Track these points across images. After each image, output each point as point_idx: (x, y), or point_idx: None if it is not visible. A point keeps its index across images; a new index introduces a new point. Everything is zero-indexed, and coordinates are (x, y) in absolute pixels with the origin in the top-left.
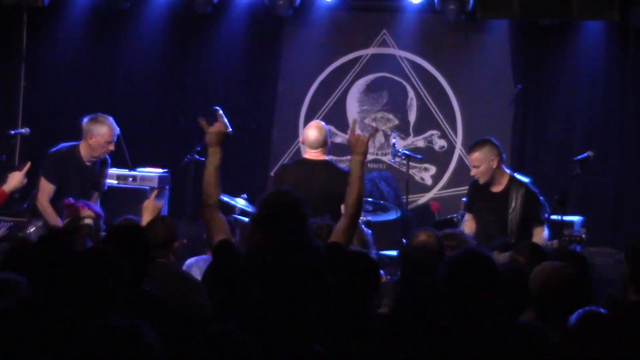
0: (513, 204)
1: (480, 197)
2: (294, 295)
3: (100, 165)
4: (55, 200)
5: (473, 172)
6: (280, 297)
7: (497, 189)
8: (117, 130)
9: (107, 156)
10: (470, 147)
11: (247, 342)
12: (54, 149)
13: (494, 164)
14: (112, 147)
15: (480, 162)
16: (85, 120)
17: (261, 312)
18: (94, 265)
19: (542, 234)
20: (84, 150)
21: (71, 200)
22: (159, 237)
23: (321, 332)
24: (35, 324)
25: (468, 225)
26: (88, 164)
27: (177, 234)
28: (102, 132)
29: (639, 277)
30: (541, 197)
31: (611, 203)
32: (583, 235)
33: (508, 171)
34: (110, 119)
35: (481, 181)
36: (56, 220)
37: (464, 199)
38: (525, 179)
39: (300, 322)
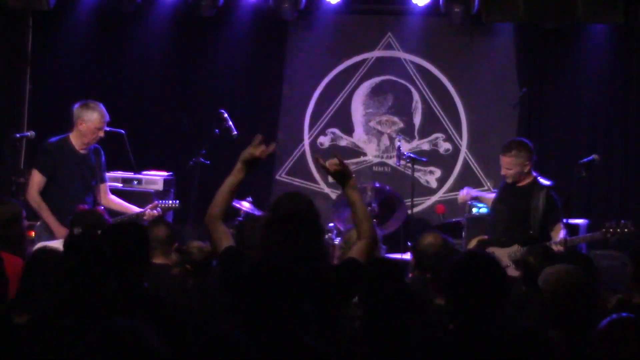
0: (535, 202)
1: (503, 192)
2: (308, 300)
3: (95, 156)
4: (58, 197)
5: (503, 172)
6: (294, 302)
7: (521, 183)
8: (107, 117)
9: (100, 147)
10: (504, 148)
11: (251, 345)
12: (45, 142)
13: (526, 169)
14: (102, 134)
15: (513, 166)
16: (76, 106)
17: (271, 317)
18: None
19: (561, 230)
20: (75, 138)
21: (85, 207)
22: (160, 237)
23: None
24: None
25: None
26: (82, 152)
27: (176, 236)
28: (92, 118)
29: None
30: (559, 204)
31: (616, 206)
32: (631, 227)
33: (533, 173)
34: (101, 105)
35: (509, 180)
36: (48, 213)
37: (469, 203)
38: (546, 182)
39: (310, 327)
